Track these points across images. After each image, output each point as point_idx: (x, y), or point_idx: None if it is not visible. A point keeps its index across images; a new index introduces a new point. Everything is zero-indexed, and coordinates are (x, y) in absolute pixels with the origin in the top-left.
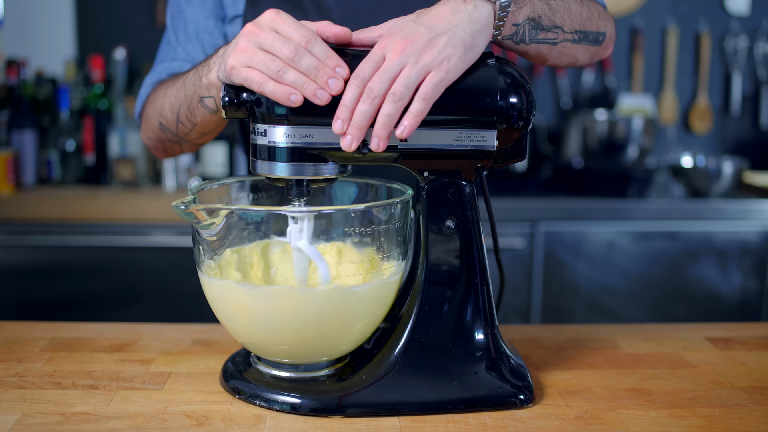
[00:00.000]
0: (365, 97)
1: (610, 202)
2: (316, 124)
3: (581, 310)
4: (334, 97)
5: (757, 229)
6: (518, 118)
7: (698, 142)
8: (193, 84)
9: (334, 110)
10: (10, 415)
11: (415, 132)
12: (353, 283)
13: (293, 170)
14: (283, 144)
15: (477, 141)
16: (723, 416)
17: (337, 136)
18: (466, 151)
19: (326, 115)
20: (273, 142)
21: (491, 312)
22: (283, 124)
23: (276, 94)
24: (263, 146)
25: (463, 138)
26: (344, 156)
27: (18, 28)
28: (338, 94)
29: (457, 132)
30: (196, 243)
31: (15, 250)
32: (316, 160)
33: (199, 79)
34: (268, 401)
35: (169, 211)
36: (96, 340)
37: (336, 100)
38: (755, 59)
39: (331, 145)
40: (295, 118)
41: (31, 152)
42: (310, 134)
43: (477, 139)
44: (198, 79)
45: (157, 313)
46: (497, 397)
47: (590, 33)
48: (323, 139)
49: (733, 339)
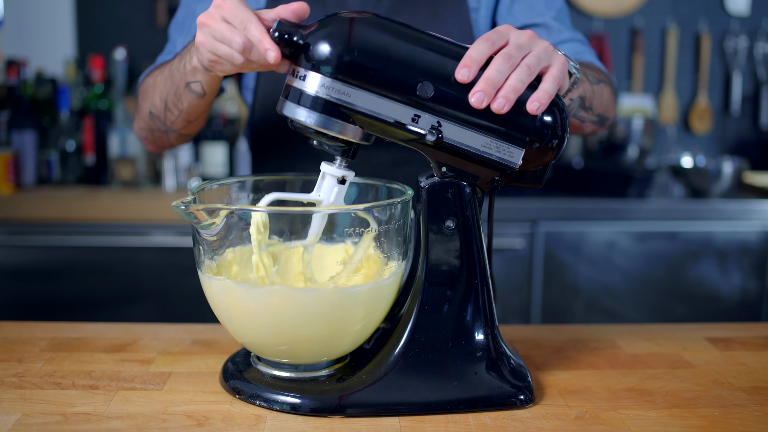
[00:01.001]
0: (503, 59)
1: (610, 202)
2: (359, 85)
3: (581, 310)
4: (390, 77)
5: (757, 229)
6: (552, 136)
7: (698, 142)
8: (179, 71)
9: (384, 80)
10: (10, 415)
11: (452, 126)
12: (353, 283)
13: (319, 121)
14: (317, 93)
15: (503, 154)
16: (723, 416)
17: (375, 104)
18: (489, 160)
19: (372, 81)
20: (308, 88)
21: (491, 312)
22: (326, 75)
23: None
24: (297, 89)
25: (491, 147)
26: (375, 125)
27: (18, 28)
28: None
29: (488, 139)
30: (196, 243)
31: (15, 250)
32: (344, 119)
33: (183, 66)
34: (268, 401)
35: (169, 211)
36: (96, 340)
37: (393, 81)
38: (755, 59)
39: (366, 111)
40: (340, 75)
41: (31, 152)
42: (348, 93)
43: (503, 152)
44: (183, 66)
45: (157, 313)
46: (497, 398)
47: (606, 118)
48: (360, 102)
49: (733, 339)
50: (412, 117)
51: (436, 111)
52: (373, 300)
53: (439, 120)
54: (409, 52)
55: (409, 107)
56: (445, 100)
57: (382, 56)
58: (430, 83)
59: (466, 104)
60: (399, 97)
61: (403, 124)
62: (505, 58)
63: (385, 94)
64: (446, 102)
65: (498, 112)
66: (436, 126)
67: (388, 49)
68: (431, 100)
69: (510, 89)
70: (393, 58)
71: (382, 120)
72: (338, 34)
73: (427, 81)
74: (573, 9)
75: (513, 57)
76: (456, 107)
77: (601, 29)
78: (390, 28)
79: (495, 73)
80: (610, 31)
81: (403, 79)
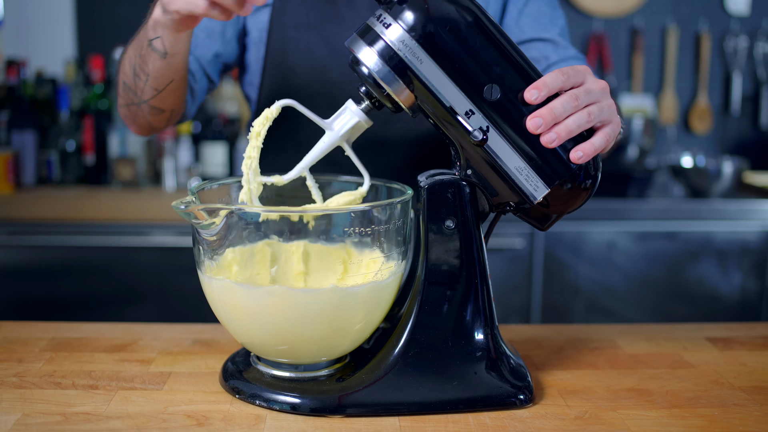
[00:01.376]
0: (571, 97)
1: (610, 202)
2: (434, 58)
3: (581, 310)
4: (478, 81)
5: (757, 229)
6: (581, 188)
7: (698, 142)
8: (144, 31)
9: (459, 66)
10: (10, 415)
11: (498, 136)
12: (353, 283)
13: (383, 72)
14: (393, 46)
15: (529, 184)
16: (723, 416)
17: (440, 82)
18: (514, 184)
19: (448, 62)
20: (388, 36)
21: (491, 312)
22: (411, 34)
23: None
24: (375, 33)
25: (522, 172)
26: (429, 101)
27: (18, 28)
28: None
29: (523, 164)
30: (196, 243)
31: (15, 250)
32: (405, 82)
33: (146, 24)
34: (268, 401)
35: (169, 211)
36: (96, 340)
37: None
38: (755, 59)
39: (429, 85)
40: (423, 41)
41: (31, 152)
42: (421, 60)
43: (530, 182)
44: (146, 25)
45: (157, 313)
46: (497, 397)
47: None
48: (428, 74)
49: (733, 339)
50: (466, 111)
51: (490, 115)
52: (373, 300)
53: (489, 125)
54: (493, 52)
55: (468, 100)
56: (504, 110)
57: (468, 44)
58: (499, 89)
59: (520, 122)
60: (464, 88)
61: (456, 114)
62: (573, 98)
63: (453, 78)
64: (504, 112)
65: (545, 144)
66: (484, 129)
67: (476, 41)
68: (492, 104)
69: (565, 128)
70: (476, 50)
71: (439, 100)
72: (438, 5)
73: (496, 85)
74: (573, 9)
75: (580, 99)
76: (510, 121)
77: (601, 29)
78: (483, 23)
79: (560, 106)
80: (610, 31)
81: (477, 73)
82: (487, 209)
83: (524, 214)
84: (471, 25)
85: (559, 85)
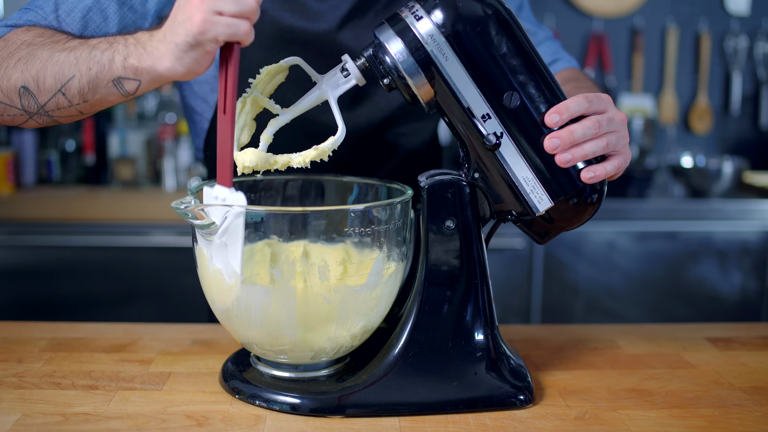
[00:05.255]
0: (593, 123)
1: (610, 202)
2: (460, 58)
3: (581, 310)
4: (511, 80)
5: (757, 229)
6: (591, 191)
7: (698, 142)
8: (110, 62)
9: (483, 69)
10: (10, 415)
11: (511, 144)
12: (353, 283)
13: (408, 63)
14: (422, 38)
15: (534, 195)
16: (723, 416)
17: (462, 82)
18: (519, 193)
19: (473, 63)
20: (419, 28)
21: (491, 312)
22: (441, 30)
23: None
24: (405, 23)
25: (529, 183)
26: (448, 99)
27: None
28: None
29: (531, 176)
30: (195, 243)
31: (15, 250)
32: (428, 76)
33: (123, 59)
34: (268, 401)
35: (169, 211)
36: (95, 340)
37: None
38: (755, 59)
39: (450, 82)
40: (452, 38)
41: (31, 152)
42: (447, 57)
43: (535, 194)
44: (121, 59)
45: (157, 313)
46: (497, 398)
47: None
48: (451, 71)
49: (733, 339)
50: (483, 114)
51: (506, 122)
52: (372, 300)
53: (503, 131)
54: (518, 60)
55: (487, 104)
56: (520, 120)
57: (496, 49)
58: (519, 97)
59: (534, 134)
60: (485, 91)
61: (473, 115)
62: (595, 125)
63: (476, 80)
64: (520, 121)
65: (559, 162)
66: (498, 134)
67: (504, 47)
68: (509, 111)
69: (581, 151)
70: (502, 56)
71: (458, 100)
72: (472, 6)
73: (517, 94)
74: (573, 9)
75: (601, 127)
76: (524, 131)
77: (601, 29)
78: (513, 31)
79: (580, 131)
80: (610, 31)
81: (499, 79)
82: (487, 215)
83: (525, 226)
84: (501, 30)
85: (582, 110)
